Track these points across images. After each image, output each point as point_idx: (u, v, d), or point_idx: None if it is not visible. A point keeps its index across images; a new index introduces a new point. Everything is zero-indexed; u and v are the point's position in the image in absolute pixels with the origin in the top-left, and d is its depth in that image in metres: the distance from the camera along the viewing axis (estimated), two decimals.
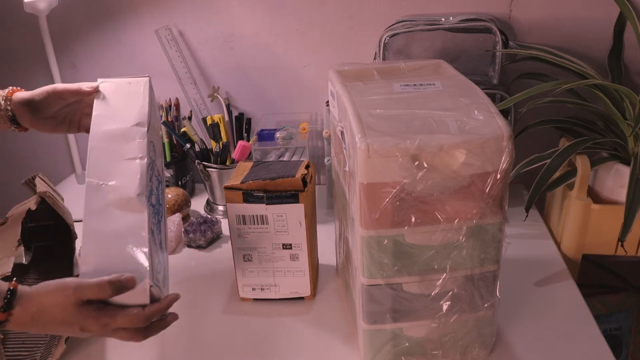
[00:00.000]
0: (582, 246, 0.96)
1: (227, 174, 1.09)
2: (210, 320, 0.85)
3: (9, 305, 0.59)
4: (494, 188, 0.63)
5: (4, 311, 0.59)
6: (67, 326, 0.60)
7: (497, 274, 0.70)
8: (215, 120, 1.12)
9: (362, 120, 0.64)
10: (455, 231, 0.65)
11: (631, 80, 1.09)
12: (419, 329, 0.70)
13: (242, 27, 1.16)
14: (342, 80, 0.75)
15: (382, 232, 0.64)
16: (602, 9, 1.05)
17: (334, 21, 1.13)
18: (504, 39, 1.01)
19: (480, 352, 0.73)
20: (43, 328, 0.62)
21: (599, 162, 0.95)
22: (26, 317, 0.60)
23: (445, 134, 0.62)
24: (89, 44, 1.21)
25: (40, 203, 0.90)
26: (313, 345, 0.79)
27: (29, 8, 1.07)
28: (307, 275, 0.85)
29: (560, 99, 0.97)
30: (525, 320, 0.81)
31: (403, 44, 1.05)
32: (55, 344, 0.77)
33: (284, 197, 0.79)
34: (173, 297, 0.65)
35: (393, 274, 0.67)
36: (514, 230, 1.01)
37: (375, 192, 0.62)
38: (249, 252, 0.84)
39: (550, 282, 0.89)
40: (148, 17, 1.17)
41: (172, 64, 1.16)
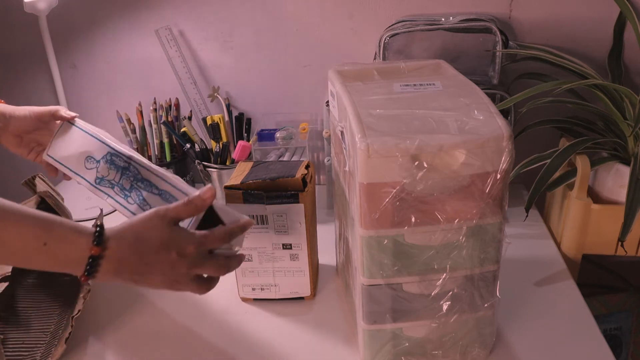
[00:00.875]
0: (582, 246, 0.96)
1: (227, 174, 1.09)
2: (210, 320, 0.85)
3: (100, 238, 0.58)
4: (494, 188, 0.63)
5: (98, 244, 0.57)
6: (165, 251, 0.59)
7: (497, 274, 0.70)
8: (215, 120, 1.12)
9: (362, 120, 0.64)
10: (455, 231, 0.65)
11: (631, 80, 1.09)
12: (419, 329, 0.70)
13: (242, 27, 1.16)
14: (342, 80, 0.75)
15: (382, 232, 0.64)
16: (602, 9, 1.05)
17: (334, 21, 1.13)
18: (504, 39, 1.01)
19: (480, 352, 0.73)
20: (140, 260, 0.59)
21: (599, 162, 0.95)
22: (123, 249, 0.59)
23: (445, 134, 0.62)
24: (89, 44, 1.21)
25: (40, 203, 0.90)
26: (313, 345, 0.79)
27: (29, 8, 1.07)
28: (307, 275, 0.85)
29: (560, 99, 0.97)
30: (525, 320, 0.81)
31: (403, 44, 1.05)
32: (55, 344, 0.77)
33: (284, 197, 0.79)
34: (247, 221, 0.67)
35: (393, 274, 0.67)
36: (514, 230, 1.01)
37: (375, 192, 0.62)
38: (249, 252, 0.84)
39: (550, 282, 0.89)
40: (148, 17, 1.17)
41: (172, 64, 1.16)
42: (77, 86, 1.25)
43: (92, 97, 1.26)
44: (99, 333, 0.83)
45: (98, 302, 0.88)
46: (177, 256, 0.60)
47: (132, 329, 0.83)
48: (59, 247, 0.57)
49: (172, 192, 0.71)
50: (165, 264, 0.60)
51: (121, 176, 0.74)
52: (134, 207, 0.72)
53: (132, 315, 0.86)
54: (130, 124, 1.15)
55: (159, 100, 1.17)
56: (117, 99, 1.24)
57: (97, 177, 0.76)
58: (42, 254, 0.57)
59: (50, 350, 0.77)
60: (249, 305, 0.87)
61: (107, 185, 0.75)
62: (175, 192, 0.71)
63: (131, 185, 0.73)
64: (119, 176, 0.74)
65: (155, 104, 1.17)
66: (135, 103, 1.17)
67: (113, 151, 0.76)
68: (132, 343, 0.81)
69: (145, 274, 0.61)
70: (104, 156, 0.76)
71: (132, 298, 0.89)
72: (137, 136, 1.16)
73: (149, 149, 1.19)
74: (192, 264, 0.61)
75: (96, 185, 0.76)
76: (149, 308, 0.87)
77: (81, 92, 1.25)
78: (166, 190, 0.72)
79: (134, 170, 0.74)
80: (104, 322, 0.85)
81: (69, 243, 0.57)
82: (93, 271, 0.58)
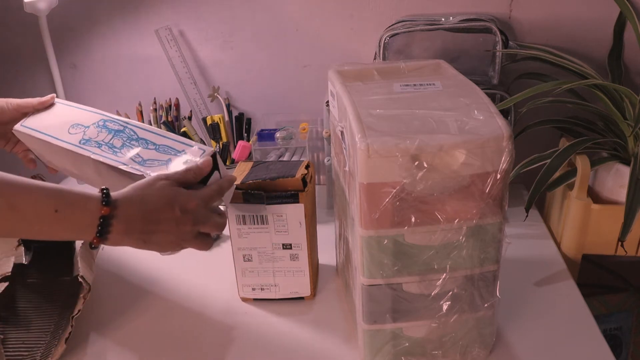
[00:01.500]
0: (582, 246, 0.96)
1: None
2: (210, 320, 0.85)
3: (108, 199, 0.60)
4: (494, 188, 0.63)
5: (107, 204, 0.60)
6: (169, 207, 0.63)
7: (497, 274, 0.70)
8: (215, 120, 1.12)
9: (362, 120, 0.64)
10: (455, 231, 0.65)
11: (631, 80, 1.09)
12: (419, 329, 0.70)
13: (242, 27, 1.16)
14: (342, 80, 0.75)
15: (382, 232, 0.64)
16: (602, 9, 1.05)
17: (334, 21, 1.13)
18: (504, 39, 1.01)
19: (480, 352, 0.73)
20: (147, 217, 0.62)
21: (599, 162, 0.95)
22: (131, 208, 0.61)
23: (445, 134, 0.62)
24: (89, 44, 1.21)
25: None
26: (313, 345, 0.79)
27: (29, 8, 1.07)
28: (307, 275, 0.85)
29: (560, 99, 0.97)
30: (525, 320, 0.81)
31: (403, 44, 1.05)
32: (55, 344, 0.77)
33: (284, 197, 0.79)
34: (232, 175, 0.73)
35: (393, 274, 0.67)
36: (514, 230, 1.01)
37: (375, 192, 0.62)
38: (249, 252, 0.84)
39: (550, 282, 0.89)
40: (148, 17, 1.17)
41: (172, 64, 1.16)
42: (77, 86, 1.25)
43: (92, 97, 1.26)
44: (99, 332, 0.83)
45: (98, 302, 0.88)
46: (180, 212, 0.63)
47: (132, 329, 0.83)
48: (70, 211, 0.59)
49: (172, 145, 0.72)
50: (171, 221, 0.63)
51: (112, 137, 0.74)
52: (125, 159, 0.71)
53: (132, 314, 0.86)
54: None
55: (159, 100, 1.17)
56: (117, 99, 1.24)
57: (83, 139, 0.74)
58: (53, 221, 0.58)
59: (50, 350, 0.77)
60: (249, 305, 0.87)
61: (94, 145, 0.73)
62: (175, 144, 0.72)
63: (123, 144, 0.73)
64: (110, 137, 0.74)
65: (155, 104, 1.17)
66: (135, 103, 1.17)
67: (107, 118, 0.77)
68: (132, 343, 0.81)
69: (154, 233, 0.63)
70: (96, 122, 0.76)
71: (132, 298, 0.89)
72: None
73: None
74: (195, 221, 0.65)
75: (80, 145, 0.73)
76: (149, 308, 0.87)
77: (81, 92, 1.25)
78: (164, 144, 0.72)
79: (129, 132, 0.74)
80: (104, 321, 0.85)
81: (80, 207, 0.59)
82: (105, 232, 0.60)
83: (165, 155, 0.71)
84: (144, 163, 0.70)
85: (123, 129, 0.75)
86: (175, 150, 0.71)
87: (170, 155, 0.71)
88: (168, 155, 0.71)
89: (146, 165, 0.70)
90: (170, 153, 0.71)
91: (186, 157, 0.70)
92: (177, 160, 0.70)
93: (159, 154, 0.71)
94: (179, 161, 0.70)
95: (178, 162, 0.70)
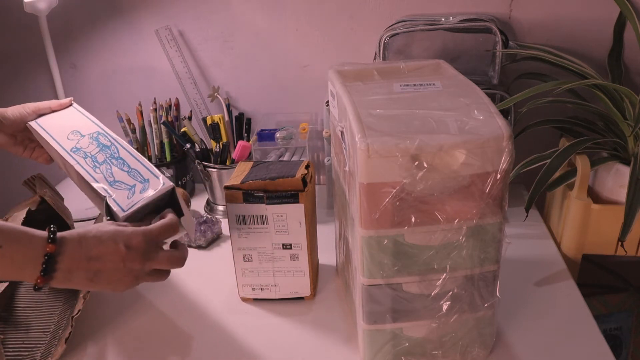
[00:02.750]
0: (582, 246, 0.96)
1: (227, 174, 1.09)
2: (210, 320, 0.85)
3: (55, 237, 0.59)
4: (494, 188, 0.63)
5: (53, 242, 0.59)
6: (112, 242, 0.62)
7: (497, 274, 0.70)
8: (215, 120, 1.12)
9: (362, 120, 0.64)
10: (455, 231, 0.65)
11: (631, 80, 1.09)
12: (419, 329, 0.70)
13: (242, 27, 1.16)
14: (342, 80, 0.75)
15: (382, 232, 0.64)
16: (602, 9, 1.05)
17: (334, 21, 1.13)
18: (504, 39, 1.01)
19: (480, 352, 0.73)
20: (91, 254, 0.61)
21: (599, 162, 0.95)
22: (75, 246, 0.60)
23: (445, 134, 0.62)
24: (89, 44, 1.21)
25: (40, 203, 0.90)
26: (313, 345, 0.79)
27: (29, 8, 1.07)
28: (307, 275, 0.85)
29: (560, 99, 0.97)
30: (525, 320, 0.81)
31: (403, 44, 1.05)
32: (55, 344, 0.77)
33: (284, 197, 0.79)
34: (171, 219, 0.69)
35: (393, 274, 0.67)
36: (514, 230, 1.01)
37: (375, 192, 0.62)
38: (249, 252, 0.84)
39: (550, 282, 0.89)
40: (148, 17, 1.17)
41: (172, 64, 1.16)
42: (77, 86, 1.25)
43: (92, 97, 1.26)
44: (99, 333, 0.83)
45: (98, 302, 0.89)
46: (125, 249, 0.62)
47: (132, 329, 0.83)
48: (15, 248, 0.58)
49: (141, 171, 0.75)
50: (115, 257, 0.62)
51: (99, 151, 0.78)
52: (99, 177, 0.74)
53: (132, 315, 0.86)
54: (130, 124, 1.15)
55: (159, 100, 1.18)
56: (117, 99, 1.24)
57: (75, 147, 0.79)
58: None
59: (50, 350, 0.77)
60: (249, 305, 0.87)
61: (81, 155, 0.78)
62: (144, 171, 0.74)
63: (104, 160, 0.77)
64: (97, 150, 0.78)
65: (155, 104, 1.17)
66: (135, 103, 1.17)
67: (102, 131, 0.82)
68: (132, 343, 0.81)
69: (100, 271, 0.62)
70: (91, 133, 0.81)
71: (132, 298, 0.89)
72: (137, 136, 1.16)
73: (149, 149, 1.19)
74: (144, 258, 0.64)
75: (70, 152, 0.78)
76: (149, 308, 0.87)
77: (81, 92, 1.25)
78: (136, 169, 0.75)
79: (114, 149, 0.78)
80: (104, 322, 0.85)
81: (25, 244, 0.58)
82: (50, 270, 0.59)
83: (132, 180, 0.73)
84: (113, 184, 0.73)
85: (110, 145, 0.79)
86: (142, 177, 0.74)
87: (137, 181, 0.73)
88: (134, 180, 0.73)
89: (115, 186, 0.73)
90: (137, 179, 0.73)
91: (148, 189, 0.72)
92: (140, 187, 0.72)
93: (128, 177, 0.74)
94: (140, 189, 0.73)
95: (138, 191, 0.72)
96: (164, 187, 0.71)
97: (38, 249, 0.58)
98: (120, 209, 0.69)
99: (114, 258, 0.62)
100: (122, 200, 0.70)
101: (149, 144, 1.18)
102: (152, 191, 0.71)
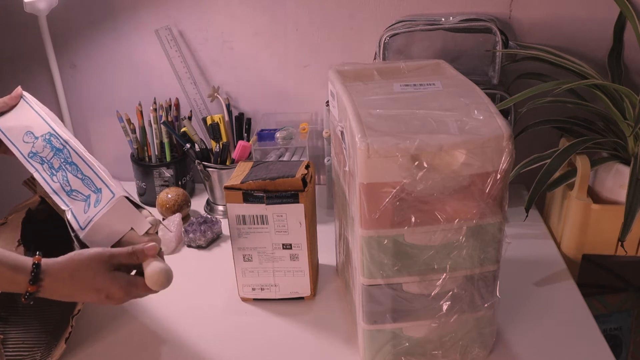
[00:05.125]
0: (582, 246, 0.96)
1: (227, 174, 1.09)
2: (210, 320, 0.85)
3: (37, 277, 0.64)
4: (494, 188, 0.63)
5: (34, 283, 0.63)
6: (95, 293, 0.67)
7: (497, 274, 0.70)
8: (215, 120, 1.12)
9: (362, 120, 0.64)
10: (455, 231, 0.65)
11: (631, 80, 1.09)
12: (419, 329, 0.70)
13: (242, 27, 1.16)
14: (342, 80, 0.75)
15: (382, 232, 0.64)
16: (602, 9, 1.05)
17: (334, 21, 1.13)
18: (504, 39, 1.01)
19: (480, 352, 0.73)
20: (72, 293, 0.67)
21: (599, 162, 0.95)
22: (57, 286, 0.65)
23: (445, 134, 0.62)
24: (89, 44, 1.21)
25: (40, 203, 0.90)
26: (313, 345, 0.79)
27: (29, 8, 1.07)
28: (307, 275, 0.85)
29: (560, 99, 0.97)
30: (525, 320, 0.81)
31: (403, 44, 1.05)
32: (55, 344, 0.77)
33: (284, 197, 0.79)
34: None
35: (393, 274, 0.67)
36: (514, 230, 1.01)
37: (375, 192, 0.62)
38: (249, 252, 0.84)
39: (550, 282, 0.89)
40: (148, 17, 1.17)
41: (172, 64, 1.16)
42: (77, 86, 1.25)
43: (92, 97, 1.26)
44: (99, 333, 0.83)
45: None
46: (105, 298, 0.67)
47: (132, 329, 0.83)
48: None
49: (94, 179, 0.76)
50: (94, 300, 0.68)
51: (53, 155, 0.78)
52: (57, 186, 0.75)
53: (132, 315, 0.86)
54: (130, 124, 1.15)
55: (159, 100, 1.17)
56: (117, 99, 1.24)
57: (32, 151, 0.79)
58: None
59: (50, 350, 0.77)
60: (249, 305, 0.87)
61: (38, 160, 0.78)
62: (96, 180, 0.75)
63: (59, 165, 0.77)
64: (51, 155, 0.78)
65: (155, 104, 1.16)
66: (135, 103, 1.17)
67: (53, 132, 0.80)
68: (132, 343, 0.81)
69: (82, 299, 0.70)
70: (43, 135, 0.80)
71: None
72: (137, 136, 1.16)
73: (149, 149, 1.19)
74: (120, 302, 0.69)
75: (28, 158, 0.78)
76: (149, 308, 0.87)
77: (81, 92, 1.25)
78: (88, 176, 0.76)
79: (66, 153, 0.78)
80: (104, 322, 0.85)
81: (6, 282, 0.63)
82: (31, 299, 0.65)
83: (87, 190, 0.75)
84: (70, 193, 0.75)
85: (62, 149, 0.78)
86: (95, 186, 0.75)
87: (90, 191, 0.75)
88: (89, 190, 0.75)
89: (72, 196, 0.74)
90: (90, 188, 0.75)
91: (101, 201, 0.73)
92: (94, 198, 0.74)
93: (83, 185, 0.75)
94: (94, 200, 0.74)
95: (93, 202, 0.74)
96: (113, 199, 0.72)
97: (20, 286, 0.63)
98: (79, 226, 0.72)
99: (92, 299, 0.68)
100: (80, 215, 0.72)
101: (149, 144, 1.18)
102: (104, 204, 0.73)
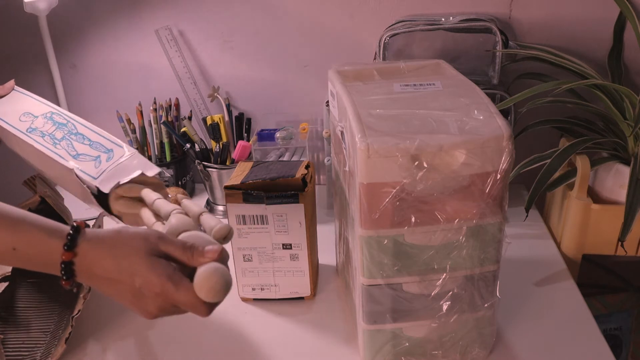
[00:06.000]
0: (582, 246, 0.96)
1: (227, 174, 1.09)
2: (210, 320, 0.85)
3: (73, 243, 0.54)
4: (494, 188, 0.63)
5: (69, 249, 0.54)
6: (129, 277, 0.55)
7: (497, 274, 0.70)
8: (215, 120, 1.12)
9: (362, 120, 0.64)
10: (455, 231, 0.65)
11: (631, 80, 1.09)
12: (419, 329, 0.70)
13: (242, 27, 1.16)
14: (342, 80, 0.75)
15: (382, 232, 0.64)
16: (602, 9, 1.05)
17: (334, 21, 1.13)
18: (504, 39, 1.01)
19: (480, 352, 0.73)
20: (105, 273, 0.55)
21: (599, 162, 0.95)
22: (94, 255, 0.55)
23: (445, 134, 0.62)
24: (89, 44, 1.21)
25: (40, 203, 0.90)
26: (313, 345, 0.79)
27: (29, 8, 1.07)
28: (307, 275, 0.85)
29: (560, 99, 0.97)
30: (525, 320, 0.81)
31: (403, 44, 1.05)
32: (55, 344, 0.77)
33: (284, 197, 0.79)
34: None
35: (393, 274, 0.67)
36: (514, 230, 1.01)
37: (375, 192, 0.62)
38: (248, 252, 0.84)
39: (550, 282, 0.89)
40: (148, 17, 1.17)
41: (172, 64, 1.16)
42: (77, 86, 1.25)
43: (92, 97, 1.26)
44: (99, 333, 0.83)
45: (98, 302, 0.88)
46: (139, 291, 0.56)
47: (132, 329, 0.83)
48: (29, 252, 0.55)
49: (104, 142, 0.78)
50: (127, 291, 0.56)
51: (56, 129, 0.79)
52: (62, 152, 0.75)
53: (132, 315, 0.86)
54: (130, 124, 1.15)
55: (159, 100, 1.17)
56: (117, 99, 1.24)
57: (30, 127, 0.79)
58: (13, 258, 0.55)
59: (50, 350, 0.77)
60: (249, 305, 0.87)
61: (38, 134, 0.78)
62: (107, 142, 0.77)
63: (63, 136, 0.78)
64: (54, 129, 0.79)
65: (155, 104, 1.17)
66: (135, 103, 1.17)
67: (55, 110, 0.81)
68: (132, 343, 0.81)
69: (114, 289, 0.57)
70: (44, 114, 0.81)
71: None
72: (137, 136, 1.16)
73: (149, 149, 1.19)
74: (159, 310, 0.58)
75: (26, 133, 0.78)
76: None
77: (81, 92, 1.25)
78: (97, 141, 0.78)
79: (71, 126, 0.80)
80: (104, 322, 0.85)
81: (39, 248, 0.54)
82: (70, 275, 0.55)
83: (95, 152, 0.76)
84: (77, 157, 0.75)
85: (66, 123, 0.80)
86: (105, 148, 0.76)
87: (100, 152, 0.76)
88: (98, 152, 0.76)
89: (79, 159, 0.75)
90: (100, 150, 0.76)
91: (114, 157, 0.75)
92: (105, 157, 0.76)
93: (91, 149, 0.77)
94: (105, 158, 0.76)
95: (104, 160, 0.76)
96: (127, 154, 0.74)
97: (54, 255, 0.54)
98: (91, 177, 0.71)
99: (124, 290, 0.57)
100: (90, 170, 0.71)
101: (149, 144, 1.18)
102: (117, 158, 0.74)
